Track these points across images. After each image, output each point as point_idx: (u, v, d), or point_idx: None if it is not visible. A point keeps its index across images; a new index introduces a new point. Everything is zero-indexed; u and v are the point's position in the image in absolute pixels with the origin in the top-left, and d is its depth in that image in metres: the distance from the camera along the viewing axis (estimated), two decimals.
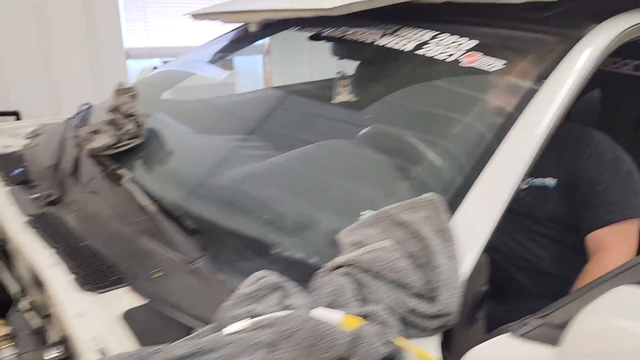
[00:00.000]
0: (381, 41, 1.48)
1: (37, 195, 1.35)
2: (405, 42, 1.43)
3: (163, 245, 1.01)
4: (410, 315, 0.79)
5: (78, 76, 3.72)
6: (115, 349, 0.81)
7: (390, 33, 1.51)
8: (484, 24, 1.42)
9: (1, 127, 2.12)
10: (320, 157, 1.25)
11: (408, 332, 0.79)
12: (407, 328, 0.79)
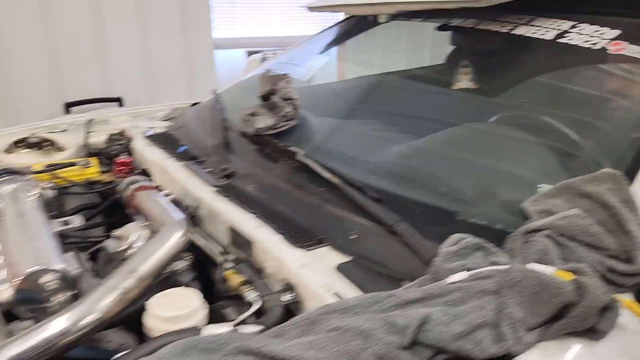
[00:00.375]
0: (517, 31, 1.58)
1: (210, 170, 1.51)
2: (543, 32, 1.52)
3: (356, 212, 1.15)
4: (609, 274, 0.90)
5: (172, 65, 3.94)
6: (346, 293, 0.95)
7: (525, 23, 1.60)
8: (621, 14, 1.49)
9: (137, 112, 2.32)
10: (487, 135, 1.36)
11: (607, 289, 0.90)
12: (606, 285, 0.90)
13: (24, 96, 3.48)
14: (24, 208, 1.27)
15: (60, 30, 3.52)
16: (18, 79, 3.46)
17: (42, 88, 3.54)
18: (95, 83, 3.71)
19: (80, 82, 3.64)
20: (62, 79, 3.59)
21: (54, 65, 3.55)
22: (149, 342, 0.89)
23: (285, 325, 0.87)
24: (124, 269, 0.99)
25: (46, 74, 3.54)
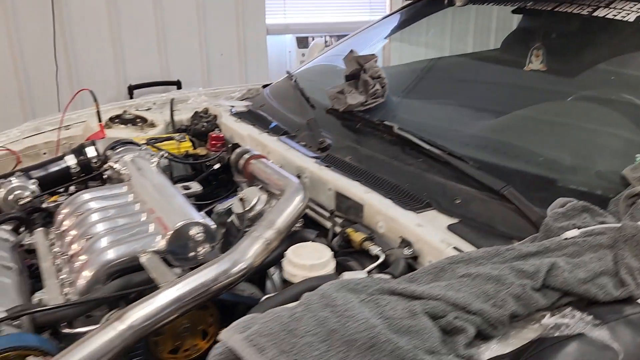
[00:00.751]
0: (599, 13, 1.65)
1: (304, 143, 1.63)
2: (624, 14, 1.59)
3: (458, 179, 1.25)
4: None
5: (226, 50, 4.07)
6: (464, 248, 1.06)
7: (605, 6, 1.67)
8: None
9: (214, 92, 2.45)
10: (585, 108, 1.45)
11: None
12: None
13: (91, 80, 3.65)
14: (149, 173, 1.41)
15: (124, 17, 3.68)
16: (85, 63, 3.63)
17: (107, 72, 3.71)
18: (155, 67, 3.86)
19: (142, 66, 3.80)
20: (125, 63, 3.76)
21: (118, 51, 3.71)
22: (294, 286, 1.01)
23: (416, 273, 0.97)
24: (263, 223, 1.11)
25: (111, 59, 3.70)
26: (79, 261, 1.11)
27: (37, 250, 1.27)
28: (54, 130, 2.12)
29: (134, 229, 1.16)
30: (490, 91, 1.82)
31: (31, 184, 1.49)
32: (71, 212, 1.29)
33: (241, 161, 1.43)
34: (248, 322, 0.83)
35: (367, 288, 0.92)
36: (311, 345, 0.76)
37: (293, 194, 1.21)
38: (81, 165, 1.62)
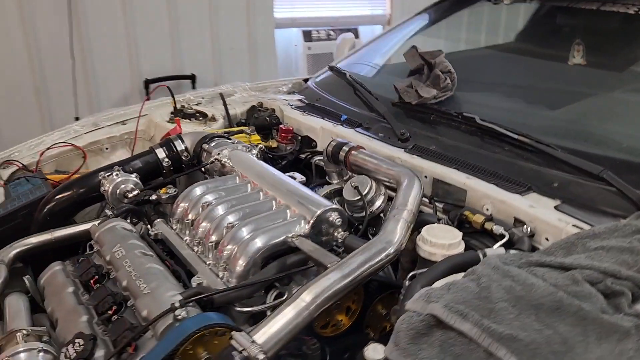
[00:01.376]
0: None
1: (382, 135, 1.73)
2: None
3: (551, 165, 1.38)
4: None
5: (237, 44, 4.12)
6: (581, 225, 1.19)
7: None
8: None
9: (258, 86, 2.51)
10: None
11: None
12: None
13: (107, 74, 3.65)
14: (255, 164, 1.49)
15: (138, 12, 3.68)
16: (101, 58, 3.63)
17: (122, 66, 3.71)
18: (168, 61, 3.88)
19: (156, 60, 3.82)
20: (140, 58, 3.76)
21: (132, 46, 3.71)
22: (442, 262, 1.12)
23: (550, 248, 1.10)
24: (398, 207, 1.21)
25: (126, 54, 3.70)
26: (226, 249, 1.19)
27: (168, 240, 1.34)
28: (112, 126, 2.16)
29: (272, 216, 1.25)
30: (542, 82, 1.96)
31: (133, 177, 1.54)
32: (193, 204, 1.36)
33: (342, 153, 1.52)
34: (434, 293, 0.94)
35: (514, 262, 1.04)
36: (506, 310, 0.87)
37: (412, 179, 1.32)
38: (171, 158, 1.68)
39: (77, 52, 3.50)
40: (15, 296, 1.28)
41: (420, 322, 0.91)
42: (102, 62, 3.62)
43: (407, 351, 0.91)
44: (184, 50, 3.91)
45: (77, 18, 3.46)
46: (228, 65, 4.11)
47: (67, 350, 1.02)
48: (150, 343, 1.01)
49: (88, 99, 3.63)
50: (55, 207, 1.57)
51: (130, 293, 1.13)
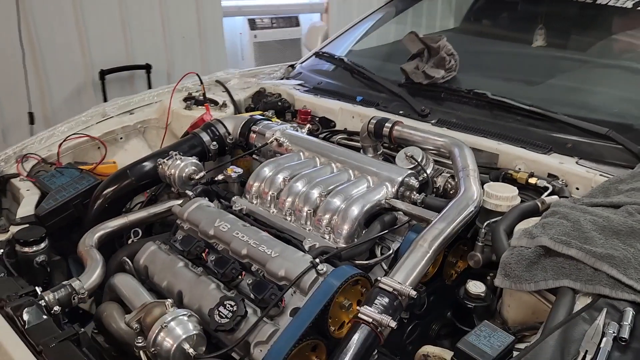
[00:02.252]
0: (601, 1, 2.16)
1: (402, 112, 1.93)
2: (620, 2, 2.12)
3: (561, 129, 1.66)
4: None
5: (187, 33, 4.10)
6: (607, 173, 1.48)
7: None
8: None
9: (248, 72, 2.61)
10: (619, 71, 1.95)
11: None
12: None
13: (59, 64, 3.51)
14: (312, 141, 1.64)
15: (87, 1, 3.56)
16: (51, 48, 3.47)
17: (74, 57, 3.58)
18: (121, 51, 3.79)
19: (109, 51, 3.72)
20: (91, 47, 3.64)
21: (83, 35, 3.59)
22: (511, 211, 1.35)
23: (591, 194, 1.37)
24: (462, 168, 1.43)
25: (77, 43, 3.57)
26: (324, 217, 1.33)
27: (255, 213, 1.45)
28: (121, 115, 2.17)
29: (356, 185, 1.41)
30: (519, 61, 2.27)
31: (194, 160, 1.62)
32: (270, 181, 1.48)
33: (385, 128, 1.70)
34: (534, 231, 1.16)
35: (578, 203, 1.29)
36: (597, 237, 1.12)
37: (461, 146, 1.54)
38: (216, 141, 1.77)
39: (26, 43, 3.32)
40: (123, 277, 1.34)
41: (532, 253, 1.13)
42: (53, 52, 3.46)
43: (521, 278, 1.13)
44: (136, 39, 3.83)
45: (24, 6, 3.29)
46: (180, 54, 4.09)
47: (218, 312, 1.13)
48: (294, 298, 1.15)
49: (40, 93, 3.47)
50: (113, 196, 1.61)
51: (253, 259, 1.25)
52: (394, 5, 2.92)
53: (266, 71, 2.67)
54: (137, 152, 2.09)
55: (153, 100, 2.30)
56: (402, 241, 1.31)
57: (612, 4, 2.14)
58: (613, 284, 1.05)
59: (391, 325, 1.03)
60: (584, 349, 0.93)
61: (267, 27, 4.65)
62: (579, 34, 2.29)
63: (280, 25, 4.74)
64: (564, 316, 1.01)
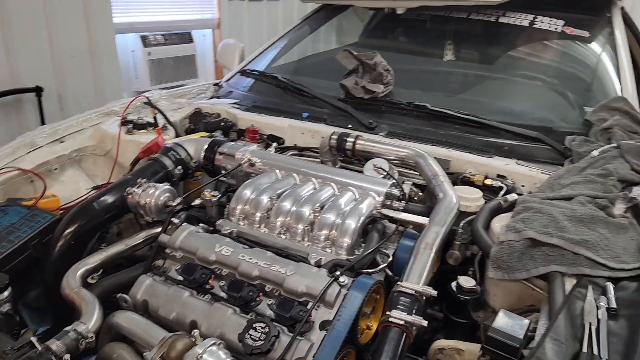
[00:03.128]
0: (502, 20, 2.47)
1: (350, 126, 2.04)
2: (519, 21, 2.45)
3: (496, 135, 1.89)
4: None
5: (77, 51, 3.86)
6: (546, 172, 1.71)
7: (502, 14, 2.50)
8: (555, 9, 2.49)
9: (172, 93, 2.55)
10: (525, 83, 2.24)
11: None
12: None
13: None
14: (284, 158, 1.68)
15: None
16: None
17: None
18: (4, 73, 3.46)
19: None
20: None
21: None
22: (482, 210, 1.51)
23: (540, 189, 1.58)
24: (433, 176, 1.57)
25: None
26: (322, 233, 1.38)
27: (246, 234, 1.45)
28: (51, 144, 2.01)
29: (344, 198, 1.48)
30: (435, 74, 2.51)
31: (167, 186, 1.57)
32: (255, 202, 1.49)
33: (348, 142, 1.79)
34: (517, 226, 1.33)
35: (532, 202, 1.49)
36: (569, 226, 1.31)
37: (423, 155, 1.69)
38: (180, 165, 1.73)
39: None
40: (125, 314, 1.27)
41: (520, 245, 1.29)
42: None
43: (514, 268, 1.29)
44: (21, 60, 3.51)
45: None
46: (71, 75, 3.82)
47: (249, 335, 1.13)
48: (319, 312, 1.19)
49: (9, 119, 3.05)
50: (79, 232, 1.51)
51: (266, 280, 1.26)
52: (308, 24, 3.03)
53: (193, 91, 2.63)
54: (76, 184, 1.96)
55: (81, 126, 2.17)
56: (398, 247, 1.40)
57: (511, 22, 2.46)
58: (592, 264, 1.24)
59: (423, 324, 1.12)
60: (587, 322, 1.10)
61: (161, 43, 4.52)
62: (484, 49, 2.58)
63: (174, 42, 4.64)
64: (562, 296, 1.17)
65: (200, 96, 2.56)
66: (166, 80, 4.61)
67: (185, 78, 4.80)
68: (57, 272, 1.46)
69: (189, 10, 4.78)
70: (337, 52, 2.76)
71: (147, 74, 4.43)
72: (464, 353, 1.23)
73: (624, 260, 1.24)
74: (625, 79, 2.12)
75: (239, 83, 2.61)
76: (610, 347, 1.03)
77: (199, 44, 4.95)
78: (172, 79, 4.68)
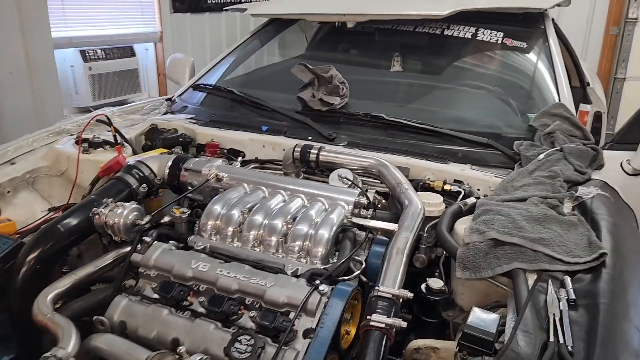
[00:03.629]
0: (447, 32, 2.60)
1: (311, 138, 2.09)
2: (462, 33, 2.59)
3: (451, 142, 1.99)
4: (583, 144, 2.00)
5: (15, 67, 3.70)
6: (499, 176, 1.82)
7: (447, 27, 2.63)
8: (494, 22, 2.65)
9: (124, 109, 2.51)
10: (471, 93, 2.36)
11: None
12: None
13: None
14: (250, 172, 1.70)
15: None
16: None
17: None
18: None
19: None
20: None
21: None
22: (445, 214, 1.59)
23: (495, 192, 1.69)
24: (397, 184, 1.64)
25: None
26: (295, 244, 1.42)
27: (220, 248, 1.46)
28: (1, 166, 1.94)
29: (314, 209, 1.52)
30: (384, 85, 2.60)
31: (134, 205, 1.56)
32: (227, 217, 1.50)
33: (312, 154, 1.83)
34: (479, 227, 1.42)
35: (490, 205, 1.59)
36: (526, 225, 1.41)
37: (384, 164, 1.76)
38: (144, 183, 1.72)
39: None
40: (104, 336, 1.25)
41: (485, 246, 1.38)
42: None
43: (480, 267, 1.37)
44: None
45: None
46: (8, 92, 3.66)
47: (234, 349, 1.15)
48: (301, 321, 1.22)
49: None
50: (44, 256, 1.47)
51: (246, 293, 1.28)
52: (257, 38, 3.06)
53: (146, 107, 2.60)
54: (30, 206, 1.90)
55: (32, 146, 2.10)
56: (369, 253, 1.45)
57: (455, 34, 2.59)
58: (549, 260, 1.34)
59: (402, 325, 1.17)
60: (551, 313, 1.19)
61: (102, 58, 4.41)
62: (431, 60, 2.70)
63: (115, 56, 4.53)
64: (526, 291, 1.26)
65: (154, 112, 2.53)
66: (108, 96, 4.49)
67: (128, 93, 4.70)
68: (22, 298, 1.42)
69: (131, 23, 4.69)
70: (286, 65, 2.85)
71: (88, 89, 4.29)
72: (439, 351, 1.30)
73: (577, 255, 1.35)
74: (562, 86, 2.29)
75: (193, 97, 2.60)
76: (574, 335, 1.13)
77: (141, 57, 4.85)
78: (114, 94, 4.56)
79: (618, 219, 1.54)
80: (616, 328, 1.12)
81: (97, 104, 4.34)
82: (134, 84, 4.75)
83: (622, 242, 1.42)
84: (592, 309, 1.18)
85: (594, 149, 1.91)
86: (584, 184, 1.74)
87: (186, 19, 5.21)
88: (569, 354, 1.08)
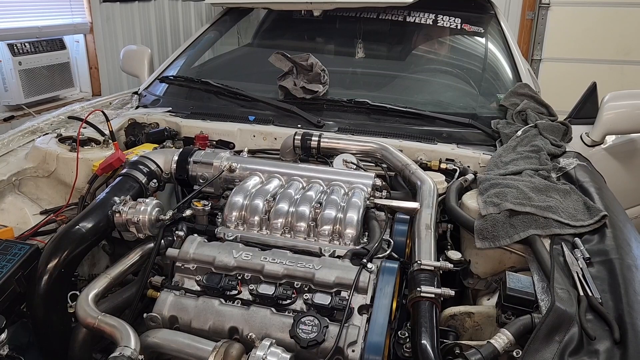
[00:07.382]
0: (409, 19, 2.72)
1: (300, 125, 2.13)
2: (423, 19, 2.72)
3: (433, 123, 2.11)
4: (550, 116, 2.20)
5: None
6: (486, 153, 1.97)
7: (408, 14, 2.75)
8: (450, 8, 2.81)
9: (94, 104, 2.40)
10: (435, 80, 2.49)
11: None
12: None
13: None
14: (260, 161, 1.72)
15: None
16: None
17: None
18: None
19: None
20: None
21: None
22: (451, 188, 1.70)
23: (487, 168, 1.83)
24: (402, 165, 1.73)
25: None
26: (324, 228, 1.46)
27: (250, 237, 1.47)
28: None
29: (336, 194, 1.57)
30: (355, 71, 2.68)
31: (154, 201, 1.53)
32: (252, 207, 1.52)
33: (313, 141, 1.87)
34: (494, 200, 1.54)
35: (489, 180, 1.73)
36: (533, 196, 1.56)
37: (386, 147, 1.84)
38: (153, 178, 1.68)
39: None
40: (161, 332, 1.24)
41: (502, 216, 1.50)
42: None
43: (497, 236, 1.50)
44: None
45: None
46: None
47: (300, 330, 1.19)
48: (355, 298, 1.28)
49: None
50: (68, 259, 1.41)
51: (294, 277, 1.32)
52: (215, 29, 3.03)
53: (115, 102, 2.50)
54: (20, 210, 1.80)
55: (9, 147, 1.97)
56: (394, 232, 1.53)
57: (417, 21, 2.71)
58: (559, 225, 1.49)
59: (451, 294, 1.27)
60: (574, 271, 1.33)
61: (31, 52, 4.13)
62: (396, 46, 2.81)
63: (45, 50, 4.26)
64: (547, 254, 1.40)
65: (126, 106, 2.45)
66: (41, 92, 4.21)
67: (61, 88, 4.43)
68: (46, 304, 1.37)
69: (58, 14, 4.40)
70: (239, 53, 2.85)
71: (19, 86, 4.00)
72: (474, 315, 1.41)
73: (581, 219, 1.51)
74: (520, 67, 2.49)
75: (162, 90, 2.54)
76: (598, 288, 1.27)
77: (72, 50, 4.58)
78: (47, 89, 4.29)
79: (600, 184, 1.73)
80: (632, 278, 1.28)
81: (29, 101, 4.07)
82: (66, 78, 4.48)
83: (610, 204, 1.60)
84: (608, 265, 1.34)
85: (563, 124, 2.10)
86: (561, 155, 1.92)
87: (116, 8, 4.97)
88: (599, 304, 1.23)
